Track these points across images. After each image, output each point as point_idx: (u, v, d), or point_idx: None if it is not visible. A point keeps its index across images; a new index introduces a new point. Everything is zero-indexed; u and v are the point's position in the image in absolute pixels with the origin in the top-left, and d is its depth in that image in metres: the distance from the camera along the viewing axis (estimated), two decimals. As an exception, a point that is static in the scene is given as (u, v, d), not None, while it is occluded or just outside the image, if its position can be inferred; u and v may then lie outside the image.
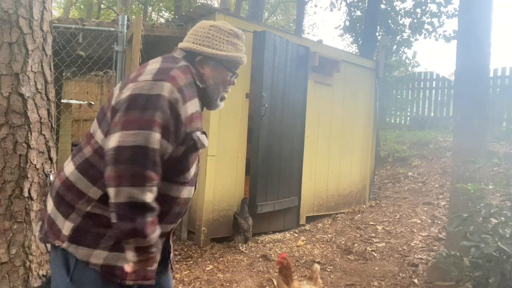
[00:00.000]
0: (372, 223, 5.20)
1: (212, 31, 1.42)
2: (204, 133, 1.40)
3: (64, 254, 1.30)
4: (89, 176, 1.30)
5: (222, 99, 1.50)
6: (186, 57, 1.42)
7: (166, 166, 1.26)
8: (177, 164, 1.31)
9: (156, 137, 1.18)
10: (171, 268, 1.57)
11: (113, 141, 1.17)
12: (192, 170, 1.39)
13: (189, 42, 1.44)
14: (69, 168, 1.36)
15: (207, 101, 1.46)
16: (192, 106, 1.31)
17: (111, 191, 1.16)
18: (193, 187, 1.45)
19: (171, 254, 1.54)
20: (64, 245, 1.28)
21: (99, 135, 1.32)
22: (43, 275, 2.18)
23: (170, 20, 6.56)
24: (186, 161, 1.34)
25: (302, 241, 4.47)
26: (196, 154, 1.40)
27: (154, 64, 1.33)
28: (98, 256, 1.27)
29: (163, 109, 1.20)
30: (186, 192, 1.39)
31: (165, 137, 1.22)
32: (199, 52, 1.40)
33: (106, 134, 1.27)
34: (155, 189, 1.20)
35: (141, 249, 1.21)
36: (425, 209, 5.42)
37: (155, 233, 1.22)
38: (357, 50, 10.25)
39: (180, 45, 1.48)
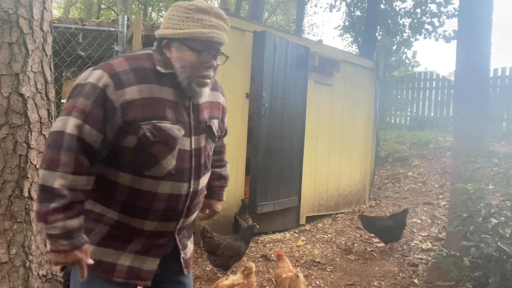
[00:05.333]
0: (372, 223, 5.20)
1: (173, 11, 1.28)
2: (180, 122, 1.29)
3: None
4: None
5: (201, 84, 1.30)
6: (157, 46, 1.34)
7: (127, 159, 1.24)
8: (139, 156, 1.24)
9: (72, 122, 1.16)
10: (187, 269, 1.49)
11: None
12: (167, 164, 1.27)
13: (158, 30, 1.37)
14: None
15: (181, 88, 1.30)
16: (135, 93, 1.21)
17: None
18: (182, 183, 1.32)
19: (183, 255, 1.46)
20: None
21: None
22: (43, 275, 2.18)
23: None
24: (148, 153, 1.24)
25: (302, 241, 4.47)
26: (164, 146, 1.26)
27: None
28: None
29: (87, 95, 1.18)
30: (167, 187, 1.29)
31: (90, 123, 1.17)
32: (162, 36, 1.30)
33: None
34: (71, 177, 1.16)
35: (51, 237, 1.16)
36: (425, 209, 5.42)
37: (61, 222, 1.14)
38: (357, 50, 10.25)
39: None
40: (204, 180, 1.43)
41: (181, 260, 1.45)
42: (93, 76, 1.21)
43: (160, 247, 1.38)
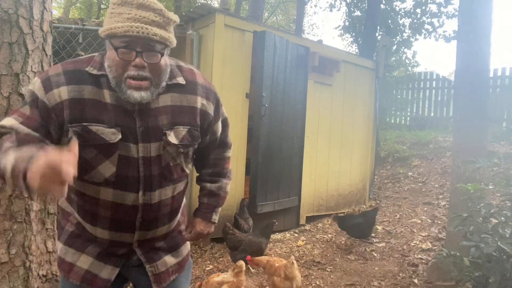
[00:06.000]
0: (372, 223, 5.20)
1: (108, 10, 1.18)
2: (120, 126, 1.18)
3: None
4: None
5: (131, 86, 1.16)
6: None
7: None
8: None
9: (8, 120, 1.15)
10: (156, 282, 1.36)
11: None
12: (104, 170, 1.18)
13: None
14: None
15: (113, 89, 1.19)
16: (63, 93, 1.15)
17: None
18: (127, 192, 1.22)
19: (151, 268, 1.36)
20: None
21: None
22: (43, 275, 2.18)
23: (170, 20, 6.54)
24: (81, 157, 1.08)
25: (302, 241, 4.47)
26: (97, 151, 1.17)
27: None
28: (59, 248, 1.35)
29: (25, 101, 1.19)
30: (109, 195, 1.21)
31: (27, 124, 1.13)
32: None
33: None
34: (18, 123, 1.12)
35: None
36: (425, 209, 5.42)
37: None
38: (357, 50, 10.24)
39: None
40: (164, 193, 1.28)
41: (149, 274, 1.35)
42: (31, 83, 1.22)
43: (119, 256, 1.33)
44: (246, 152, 4.49)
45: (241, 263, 2.77)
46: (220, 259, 3.81)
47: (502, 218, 2.43)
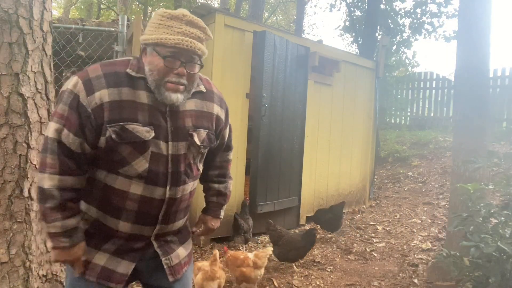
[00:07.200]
0: (372, 223, 5.20)
1: (153, 19, 1.32)
2: (153, 125, 1.29)
3: None
4: None
5: (170, 89, 1.28)
6: (141, 52, 1.40)
7: (102, 157, 1.29)
8: (110, 156, 1.28)
9: (52, 126, 1.24)
10: (172, 274, 1.44)
11: None
12: (138, 166, 1.28)
13: None
14: None
15: (151, 91, 1.31)
16: (104, 96, 1.24)
17: None
18: (156, 187, 1.32)
19: (166, 261, 1.43)
20: None
21: None
22: (43, 275, 2.18)
23: (170, 20, 6.54)
24: (117, 153, 1.26)
25: (302, 241, 4.47)
26: (132, 148, 1.27)
27: None
28: None
29: (64, 100, 1.25)
30: (139, 188, 1.30)
31: (68, 127, 1.23)
32: (142, 42, 1.34)
33: None
34: (57, 177, 1.23)
35: (51, 235, 1.25)
36: (425, 209, 5.43)
37: (60, 222, 1.24)
38: (357, 50, 10.24)
39: None
40: (185, 189, 1.39)
41: (165, 266, 1.42)
42: (71, 82, 1.27)
43: (135, 251, 1.38)
44: (246, 152, 4.49)
45: (215, 251, 2.86)
46: (220, 259, 3.80)
47: (502, 218, 2.43)
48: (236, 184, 4.38)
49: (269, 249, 3.22)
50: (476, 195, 2.55)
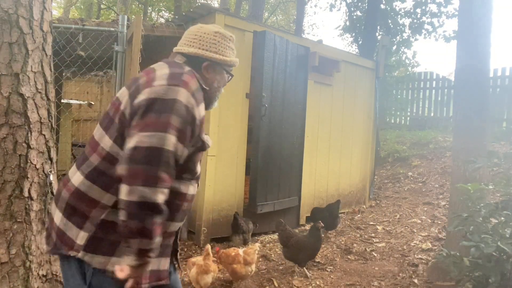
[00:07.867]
0: (372, 223, 5.20)
1: (218, 37, 1.49)
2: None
3: (79, 263, 1.30)
4: (100, 184, 1.31)
5: (217, 99, 1.57)
6: (188, 62, 1.44)
7: (179, 164, 1.32)
8: (186, 162, 1.36)
9: (171, 139, 1.21)
10: (178, 267, 1.59)
11: (131, 142, 1.19)
12: (198, 167, 1.45)
13: (194, 48, 1.46)
14: (77, 178, 1.35)
15: (208, 103, 1.51)
16: (202, 109, 1.37)
17: (123, 189, 1.16)
18: (197, 184, 1.50)
19: (178, 254, 1.56)
20: (80, 254, 1.28)
21: (106, 142, 1.32)
22: (43, 275, 2.18)
23: (170, 20, 6.56)
24: (192, 161, 1.39)
25: (302, 241, 4.47)
26: (201, 154, 1.47)
27: (163, 69, 1.35)
28: (115, 264, 1.25)
29: (179, 113, 1.24)
30: (192, 188, 1.44)
31: (181, 141, 1.25)
32: (207, 58, 1.46)
33: (116, 140, 1.30)
34: (166, 191, 1.21)
35: (143, 252, 1.19)
36: (425, 209, 5.43)
37: (159, 237, 1.22)
38: (357, 50, 10.24)
39: (181, 49, 1.48)
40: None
41: (178, 256, 1.55)
42: (180, 94, 1.27)
43: (169, 246, 1.45)
44: (246, 152, 4.49)
45: (208, 246, 2.96)
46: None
47: (502, 218, 2.43)
48: (236, 184, 4.38)
49: (257, 245, 3.29)
50: (476, 195, 2.55)
